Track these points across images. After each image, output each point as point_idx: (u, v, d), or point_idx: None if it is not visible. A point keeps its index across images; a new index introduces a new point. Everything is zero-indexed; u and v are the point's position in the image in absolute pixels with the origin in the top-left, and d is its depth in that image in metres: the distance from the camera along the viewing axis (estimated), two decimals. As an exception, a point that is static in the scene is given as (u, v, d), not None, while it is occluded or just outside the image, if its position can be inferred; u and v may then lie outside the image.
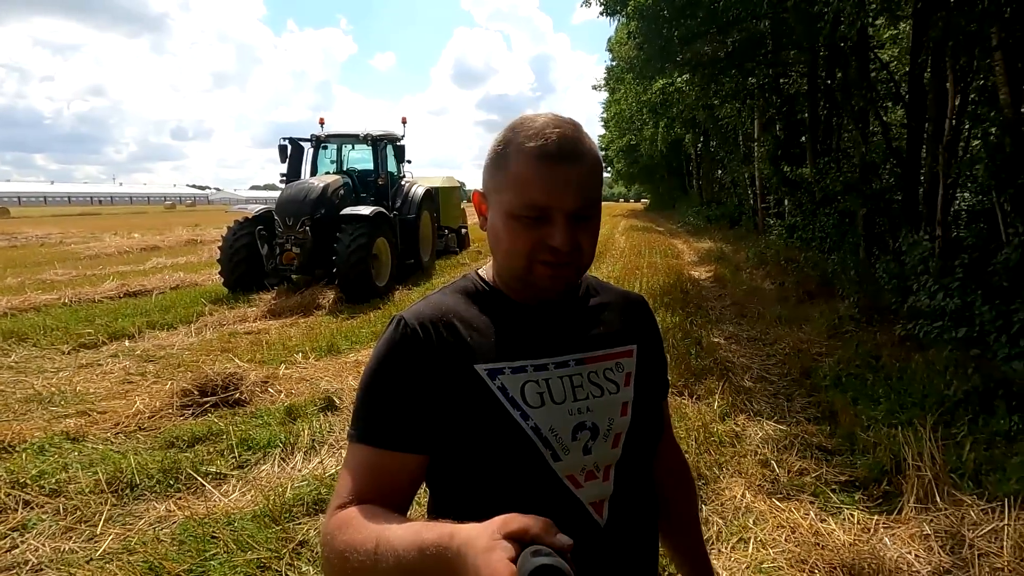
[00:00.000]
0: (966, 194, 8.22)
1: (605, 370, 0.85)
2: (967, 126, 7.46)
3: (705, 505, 2.79)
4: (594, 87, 27.33)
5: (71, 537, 2.60)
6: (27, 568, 2.39)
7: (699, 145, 24.90)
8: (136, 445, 3.55)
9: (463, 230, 14.82)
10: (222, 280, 8.55)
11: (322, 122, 10.49)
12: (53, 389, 4.55)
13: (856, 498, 2.86)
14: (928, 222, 6.97)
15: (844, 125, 11.20)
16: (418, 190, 10.71)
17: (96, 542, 2.55)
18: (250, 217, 8.70)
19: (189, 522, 2.63)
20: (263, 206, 9.10)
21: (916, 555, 2.23)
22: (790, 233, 11.68)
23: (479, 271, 0.91)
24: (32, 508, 2.82)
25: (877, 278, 6.95)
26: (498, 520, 0.55)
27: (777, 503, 2.81)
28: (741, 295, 8.33)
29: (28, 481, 3.01)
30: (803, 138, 11.80)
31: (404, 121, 10.87)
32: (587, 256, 0.81)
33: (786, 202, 13.00)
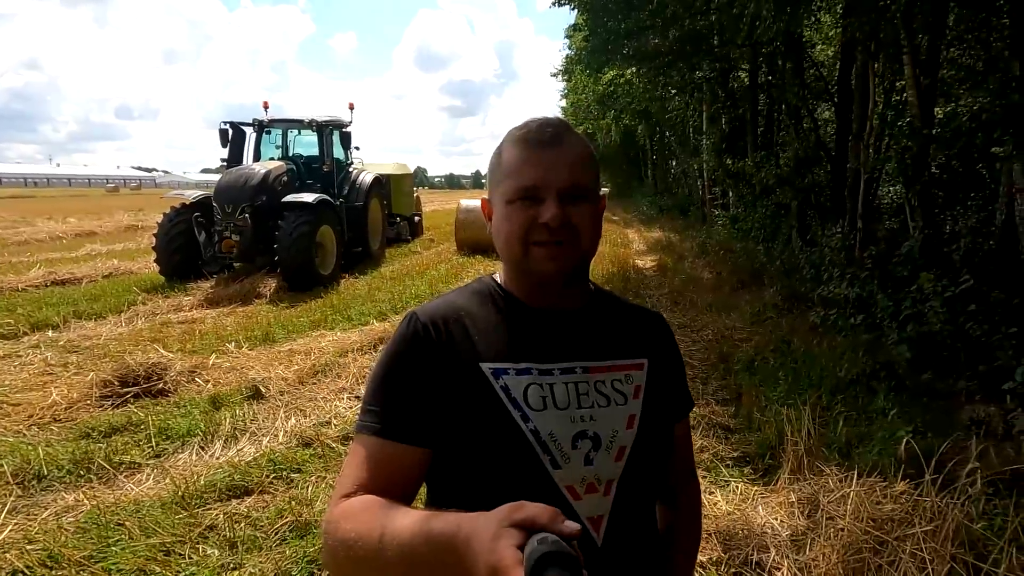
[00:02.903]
0: (898, 187, 8.74)
1: (613, 381, 0.84)
2: (887, 127, 7.94)
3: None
4: (552, 75, 27.42)
5: (-30, 529, 2.57)
6: (-80, 561, 2.36)
7: (655, 136, 25.38)
8: (49, 437, 3.49)
9: (416, 218, 14.73)
10: (158, 268, 8.32)
11: (266, 106, 10.25)
12: (-36, 382, 4.38)
13: (745, 472, 3.10)
14: (851, 215, 7.41)
15: (782, 121, 11.69)
16: (366, 177, 10.60)
17: (-4, 533, 2.53)
18: (187, 203, 8.47)
19: (95, 511, 2.64)
20: (203, 192, 8.87)
21: (780, 520, 2.46)
22: (733, 224, 12.14)
23: (495, 275, 0.92)
24: (-70, 502, 2.76)
25: (800, 268, 7.36)
26: (506, 508, 0.56)
27: (673, 478, 3.01)
28: (680, 284, 8.62)
29: (-73, 475, 2.94)
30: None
31: (351, 107, 10.72)
32: (586, 239, 0.82)
33: (730, 194, 13.47)
